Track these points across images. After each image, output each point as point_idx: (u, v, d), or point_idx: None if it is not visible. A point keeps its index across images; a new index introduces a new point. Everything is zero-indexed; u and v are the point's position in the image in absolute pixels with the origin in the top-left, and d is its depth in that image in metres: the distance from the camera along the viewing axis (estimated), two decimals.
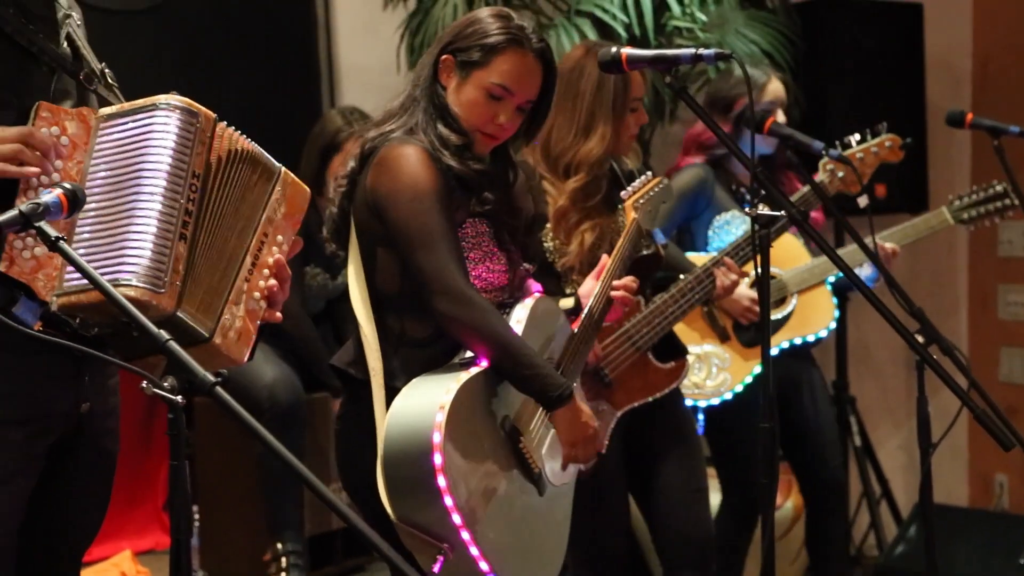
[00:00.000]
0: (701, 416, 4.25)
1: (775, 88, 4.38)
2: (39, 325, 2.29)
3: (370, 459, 2.89)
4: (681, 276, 3.92)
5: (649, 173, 3.60)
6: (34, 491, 2.45)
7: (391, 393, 2.92)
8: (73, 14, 2.56)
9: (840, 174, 4.11)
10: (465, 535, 2.81)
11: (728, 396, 4.24)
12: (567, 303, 3.33)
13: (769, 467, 2.96)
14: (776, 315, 4.30)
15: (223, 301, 2.40)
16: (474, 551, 2.82)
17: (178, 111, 2.34)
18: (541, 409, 3.05)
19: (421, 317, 2.95)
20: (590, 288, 3.31)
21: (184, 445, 2.08)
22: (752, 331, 4.23)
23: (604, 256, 3.36)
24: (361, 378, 2.98)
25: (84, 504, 2.58)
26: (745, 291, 4.19)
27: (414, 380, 2.91)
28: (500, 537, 2.91)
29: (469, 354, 2.97)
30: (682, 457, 3.86)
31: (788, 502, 5.09)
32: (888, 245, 4.35)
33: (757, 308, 4.16)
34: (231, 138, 2.43)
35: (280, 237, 2.52)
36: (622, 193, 3.48)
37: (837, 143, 4.13)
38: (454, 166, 2.97)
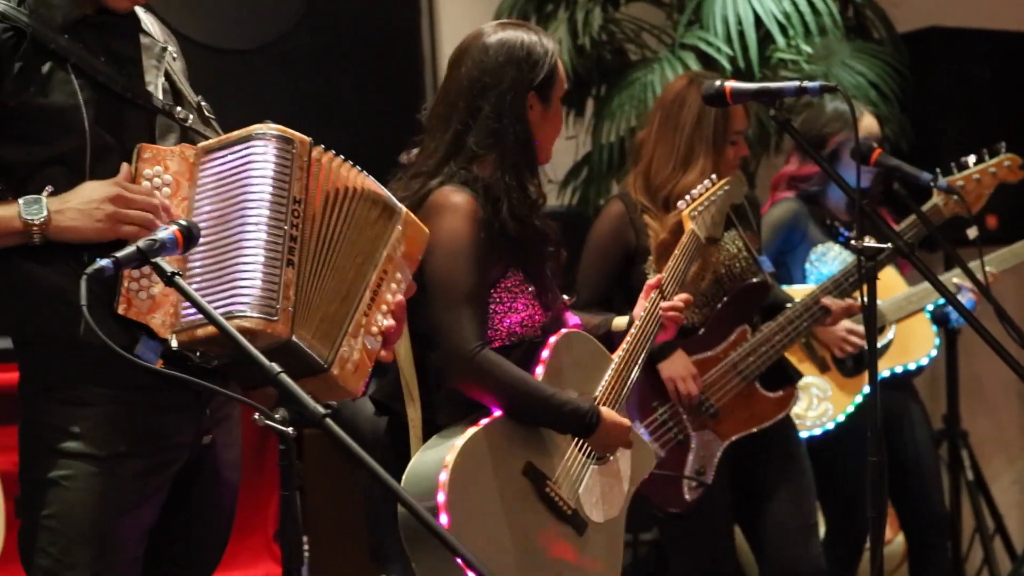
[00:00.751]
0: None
1: (868, 123, 4.36)
2: (161, 363, 2.35)
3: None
4: (788, 305, 3.91)
5: (714, 176, 3.55)
6: (158, 520, 2.51)
7: (432, 429, 2.92)
8: (169, 47, 2.62)
9: (955, 196, 4.06)
10: None
11: (830, 426, 4.21)
12: (620, 323, 3.27)
13: (878, 501, 2.93)
14: None
15: (342, 333, 2.44)
16: None
17: (274, 139, 2.40)
18: (573, 444, 3.00)
19: None
20: (642, 308, 3.24)
21: (295, 476, 2.12)
22: (851, 361, 4.21)
23: (654, 275, 3.31)
24: (402, 412, 2.97)
25: (206, 532, 2.65)
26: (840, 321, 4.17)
27: (432, 438, 2.89)
28: None
29: None
30: (793, 490, 3.82)
31: (898, 537, 5.02)
32: (987, 269, 4.30)
33: (852, 338, 4.15)
34: (333, 165, 2.48)
35: (399, 275, 2.58)
36: (679, 203, 3.45)
37: (953, 164, 4.08)
38: (513, 226, 2.92)
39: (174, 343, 2.33)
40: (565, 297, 3.15)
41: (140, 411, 2.44)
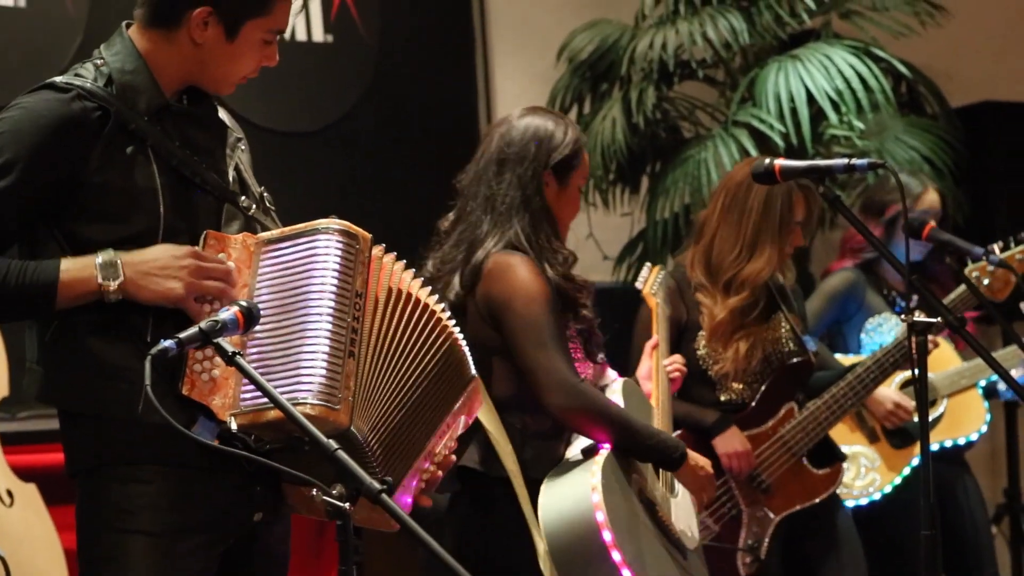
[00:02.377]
0: None
1: (931, 199, 4.39)
2: (216, 442, 2.40)
3: (519, 558, 3.00)
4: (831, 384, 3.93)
5: (648, 264, 3.74)
6: None
7: (532, 486, 3.03)
8: (241, 139, 2.71)
9: (985, 281, 4.06)
10: None
11: (876, 497, 4.22)
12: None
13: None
14: None
15: (410, 467, 2.53)
16: None
17: (337, 233, 2.45)
18: (660, 480, 3.18)
19: (540, 412, 3.07)
20: (648, 368, 3.44)
21: (353, 552, 2.15)
22: (902, 433, 4.21)
23: (654, 338, 3.48)
24: (495, 475, 3.06)
25: None
26: (889, 393, 4.19)
27: (547, 479, 3.03)
28: None
29: (583, 445, 3.08)
30: (842, 566, 3.83)
31: None
32: None
33: (900, 412, 4.15)
34: (395, 267, 2.54)
35: (454, 435, 2.66)
36: (638, 284, 3.66)
37: (995, 246, 4.07)
38: (558, 281, 3.10)
39: (234, 426, 2.37)
40: (601, 356, 3.29)
41: (194, 489, 2.48)
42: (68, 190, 2.45)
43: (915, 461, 4.18)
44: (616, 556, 2.88)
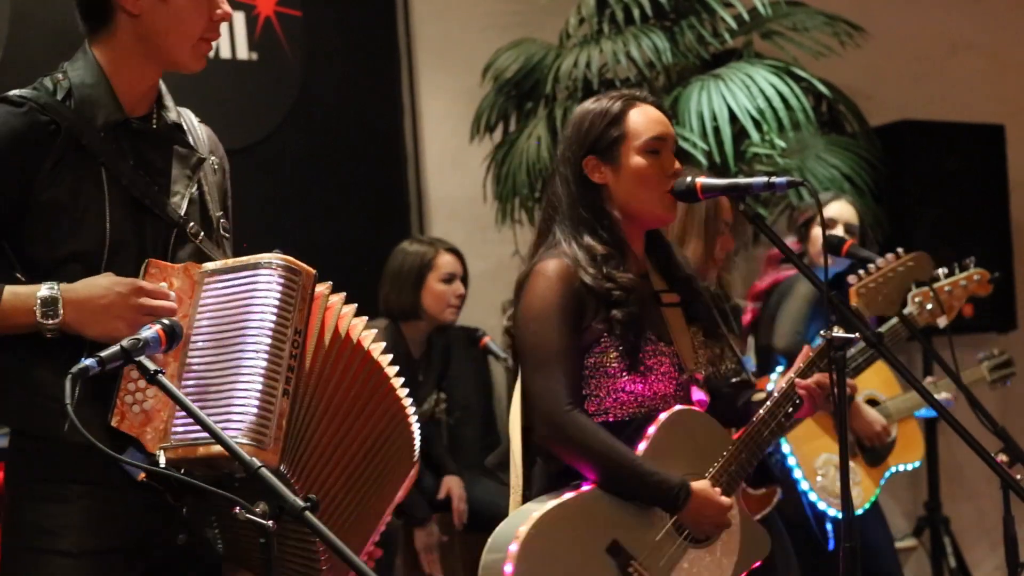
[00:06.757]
0: (829, 526, 4.25)
1: (844, 211, 4.46)
2: (143, 475, 2.37)
3: None
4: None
5: (885, 257, 3.56)
6: None
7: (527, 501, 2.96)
8: (213, 157, 2.66)
9: (929, 306, 4.10)
10: None
11: (859, 512, 4.27)
12: (758, 398, 3.20)
13: None
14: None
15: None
16: None
17: (280, 268, 2.42)
18: (669, 523, 2.93)
19: None
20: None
21: (275, 569, 2.12)
22: (874, 450, 4.32)
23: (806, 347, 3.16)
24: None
25: None
26: (876, 415, 4.30)
27: (522, 506, 2.92)
28: None
29: None
30: None
31: None
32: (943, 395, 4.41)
33: (884, 433, 4.26)
34: (340, 308, 2.51)
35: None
36: (850, 278, 3.43)
37: (940, 271, 4.12)
38: (589, 283, 2.90)
39: (162, 460, 2.34)
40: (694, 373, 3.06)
41: (117, 509, 2.46)
42: (16, 207, 2.41)
43: (883, 480, 4.31)
44: None
